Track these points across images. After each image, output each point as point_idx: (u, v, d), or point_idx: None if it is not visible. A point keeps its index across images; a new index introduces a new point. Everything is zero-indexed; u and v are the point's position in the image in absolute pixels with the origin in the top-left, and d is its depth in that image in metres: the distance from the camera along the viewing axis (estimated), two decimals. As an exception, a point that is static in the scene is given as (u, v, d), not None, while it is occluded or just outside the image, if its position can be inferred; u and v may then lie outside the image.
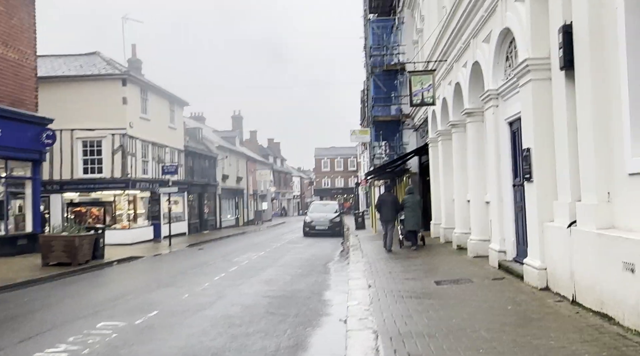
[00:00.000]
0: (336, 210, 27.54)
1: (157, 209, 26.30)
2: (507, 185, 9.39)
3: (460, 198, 13.62)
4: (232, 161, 42.18)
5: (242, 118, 57.07)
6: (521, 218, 8.87)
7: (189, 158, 31.81)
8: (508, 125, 9.37)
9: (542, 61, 7.25)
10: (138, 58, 30.14)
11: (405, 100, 25.58)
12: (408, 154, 22.30)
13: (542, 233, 7.27)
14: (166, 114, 28.18)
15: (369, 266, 11.42)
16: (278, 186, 76.03)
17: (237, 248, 20.12)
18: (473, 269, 9.77)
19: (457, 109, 13.46)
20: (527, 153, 7.58)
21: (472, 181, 11.86)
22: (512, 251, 9.31)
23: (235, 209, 43.06)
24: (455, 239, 13.54)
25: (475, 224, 11.70)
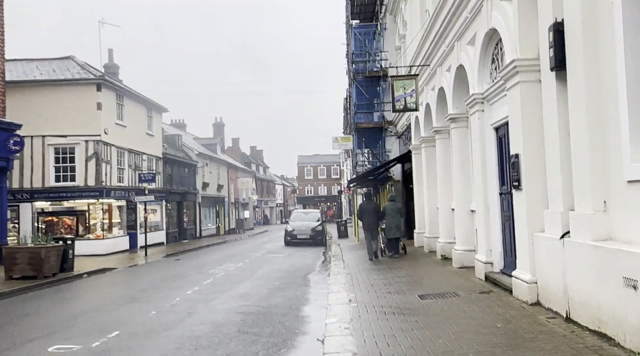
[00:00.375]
0: (318, 219, 26.99)
1: (134, 219, 25.48)
2: (494, 193, 8.98)
3: (445, 206, 13.22)
4: (212, 169, 41.43)
5: (224, 125, 56.28)
6: (509, 227, 8.46)
7: (168, 166, 31.04)
8: (494, 130, 8.98)
9: (531, 62, 6.86)
10: (115, 63, 29.42)
11: (388, 107, 25.29)
12: (391, 162, 21.93)
13: (532, 244, 6.84)
14: (143, 120, 27.43)
15: (350, 278, 10.91)
16: (261, 194, 75.24)
17: (215, 258, 19.44)
18: (458, 281, 9.32)
19: (440, 115, 13.08)
20: (515, 159, 7.17)
21: (457, 188, 11.45)
22: (500, 263, 8.89)
23: (216, 218, 42.25)
24: (440, 249, 13.11)
25: (460, 234, 11.28)
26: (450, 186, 13.17)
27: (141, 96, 27.17)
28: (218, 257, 19.94)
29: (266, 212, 79.42)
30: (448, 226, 13.08)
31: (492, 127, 8.96)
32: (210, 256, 20.72)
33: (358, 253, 16.66)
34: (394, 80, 13.51)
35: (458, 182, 11.41)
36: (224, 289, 10.87)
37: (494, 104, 8.84)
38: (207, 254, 22.49)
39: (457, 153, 11.39)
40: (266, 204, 79.78)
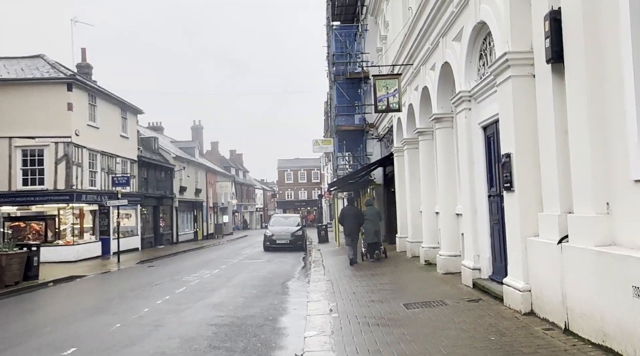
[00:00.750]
0: (298, 223, 26.41)
1: (107, 224, 24.55)
2: (482, 195, 8.55)
3: (428, 210, 12.78)
4: (190, 173, 40.53)
5: (202, 128, 55.41)
6: (498, 231, 8.02)
7: (143, 169, 30.14)
8: (482, 130, 8.55)
9: (524, 56, 6.43)
10: (88, 63, 28.45)
11: (370, 109, 24.91)
12: (372, 165, 21.49)
13: (525, 249, 6.39)
14: (117, 122, 26.54)
15: (331, 285, 10.38)
16: (240, 198, 74.30)
17: (191, 264, 18.71)
18: (445, 288, 8.85)
19: (424, 115, 12.66)
20: (506, 159, 6.73)
21: (442, 191, 11.02)
22: (488, 269, 8.45)
23: (194, 223, 41.31)
24: (423, 254, 12.66)
25: (445, 238, 10.84)
26: (434, 188, 12.76)
27: (115, 96, 26.29)
28: (194, 263, 19.21)
29: (246, 217, 78.46)
30: (432, 230, 12.66)
31: (480, 126, 8.54)
32: (186, 263, 19.96)
33: (339, 258, 16.14)
34: (376, 79, 13.06)
35: (443, 184, 10.98)
36: (197, 299, 10.22)
37: (482, 102, 8.43)
38: (182, 260, 21.72)
39: (441, 154, 10.97)
40: (246, 209, 78.84)
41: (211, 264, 18.17)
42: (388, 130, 20.83)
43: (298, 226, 25.89)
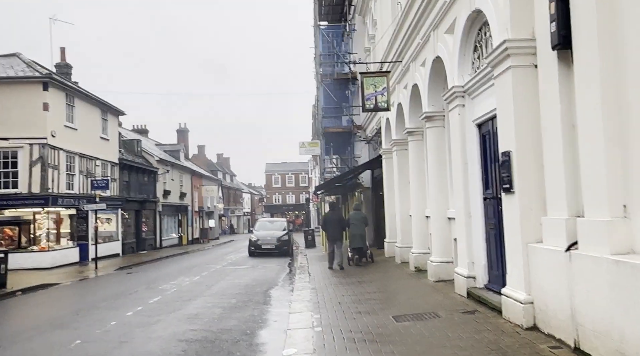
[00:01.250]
0: (284, 228, 25.65)
1: (85, 229, 23.63)
2: (476, 198, 7.96)
3: (418, 214, 12.20)
4: (175, 176, 39.63)
5: (188, 131, 54.36)
6: (495, 237, 7.44)
7: (125, 172, 29.24)
8: (477, 127, 7.98)
9: (525, 44, 5.86)
10: (67, 62, 27.60)
11: (357, 111, 24.35)
12: (359, 168, 20.89)
13: (527, 256, 5.80)
14: (97, 123, 25.66)
15: (316, 294, 9.72)
16: (227, 202, 73.36)
17: (171, 271, 17.93)
18: (437, 298, 8.24)
19: (414, 115, 12.09)
20: (505, 158, 6.14)
21: (433, 194, 10.43)
22: (484, 277, 7.85)
23: (178, 227, 40.37)
24: (413, 260, 12.06)
25: (436, 244, 10.24)
26: (424, 191, 12.18)
27: (95, 97, 25.43)
28: (174, 270, 18.42)
29: (233, 221, 77.50)
30: (422, 235, 12.07)
31: (475, 123, 7.96)
32: (166, 269, 19.17)
33: (325, 264, 15.47)
34: (364, 77, 12.47)
35: (434, 187, 10.40)
36: (171, 310, 9.49)
37: (476, 98, 7.85)
38: (163, 266, 20.90)
39: (432, 155, 10.39)
40: (233, 213, 77.89)
41: (192, 271, 17.40)
42: (376, 132, 20.26)
43: (284, 230, 25.15)
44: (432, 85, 10.15)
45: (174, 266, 20.52)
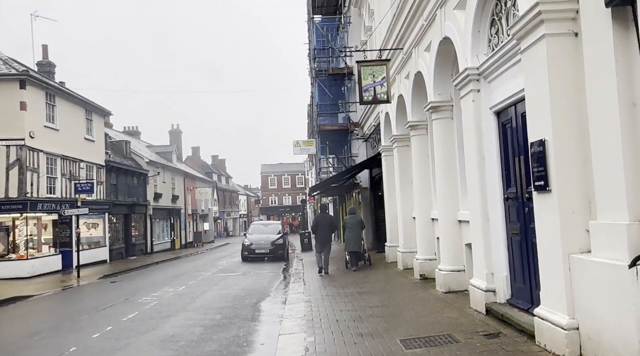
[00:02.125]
0: (279, 231, 24.47)
1: (68, 235, 22.41)
2: (496, 198, 6.82)
3: (423, 216, 11.06)
4: (166, 178, 38.42)
5: (181, 132, 53.10)
6: (520, 244, 6.30)
7: (113, 174, 28.03)
8: (495, 116, 6.84)
9: (564, 6, 4.72)
10: (50, 61, 26.39)
11: (354, 107, 23.21)
12: (357, 167, 19.73)
13: (569, 270, 4.66)
14: (81, 123, 24.44)
15: (310, 308, 8.58)
16: (223, 204, 72.22)
17: (157, 279, 16.75)
18: (451, 315, 7.09)
19: (417, 107, 10.97)
20: (538, 149, 5.00)
21: (440, 194, 9.29)
22: (506, 291, 6.71)
23: (171, 231, 39.14)
24: (418, 267, 10.92)
25: (445, 250, 9.10)
26: (429, 191, 11.05)
27: (78, 96, 24.23)
28: (160, 278, 17.24)
29: (229, 223, 76.33)
30: (428, 239, 10.94)
31: (493, 111, 6.82)
32: (153, 277, 17.99)
33: (322, 272, 14.35)
34: (361, 66, 11.33)
35: (441, 186, 9.26)
36: (145, 330, 8.32)
37: (494, 81, 6.71)
38: (150, 274, 19.72)
39: (440, 150, 9.25)
40: (229, 216, 76.73)
41: (179, 279, 16.22)
42: (374, 128, 19.14)
43: (279, 234, 23.98)
44: (439, 71, 9.01)
45: (161, 273, 19.34)
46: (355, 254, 13.81)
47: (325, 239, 13.66)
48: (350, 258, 13.90)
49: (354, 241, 13.72)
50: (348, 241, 13.84)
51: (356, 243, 13.74)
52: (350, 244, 13.75)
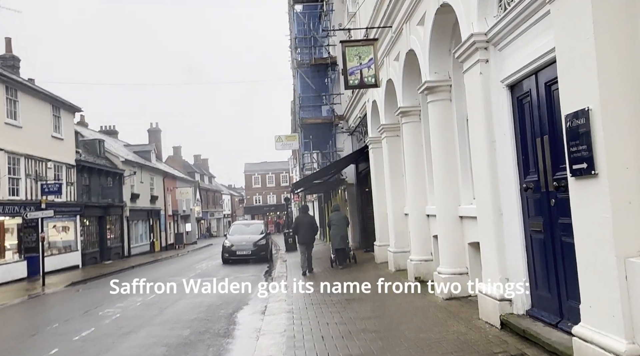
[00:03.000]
0: (262, 231, 23.20)
1: (35, 239, 20.88)
2: (510, 189, 5.71)
3: (417, 212, 9.95)
4: (145, 178, 36.88)
5: (161, 131, 51.29)
6: (543, 243, 5.18)
7: (84, 175, 26.51)
8: (508, 90, 5.72)
9: None
10: (14, 54, 24.77)
11: (338, 99, 22.05)
12: (341, 161, 18.54)
13: (627, 279, 3.55)
14: (48, 121, 22.90)
15: (292, 320, 7.42)
16: (206, 204, 70.69)
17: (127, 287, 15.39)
18: (458, 328, 5.96)
19: (409, 90, 9.84)
20: (579, 122, 3.87)
21: (439, 187, 8.17)
22: (524, 300, 5.59)
23: (150, 233, 37.60)
24: (413, 269, 9.80)
25: (445, 250, 7.99)
26: (423, 184, 9.95)
27: (44, 91, 22.70)
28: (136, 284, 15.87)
29: (212, 224, 74.79)
30: (423, 238, 9.84)
31: (506, 84, 5.70)
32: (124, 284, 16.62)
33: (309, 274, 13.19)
34: (345, 46, 10.16)
35: (439, 178, 8.14)
36: (96, 352, 7.06)
37: (507, 47, 5.59)
38: (122, 280, 18.30)
39: (437, 137, 8.13)
40: (212, 216, 75.20)
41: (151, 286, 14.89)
42: (360, 121, 18.02)
43: (262, 234, 22.72)
44: (435, 46, 7.89)
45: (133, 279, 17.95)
46: (341, 252, 13.68)
47: (308, 240, 13.42)
48: (336, 256, 13.72)
49: (339, 238, 13.55)
50: (334, 239, 13.66)
51: (342, 240, 13.61)
52: (337, 241, 13.57)
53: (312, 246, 13.58)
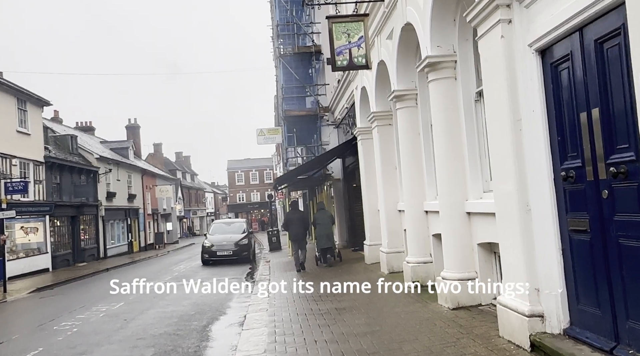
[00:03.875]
0: (244, 230, 21.97)
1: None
2: (542, 177, 4.62)
3: (415, 208, 8.85)
4: (121, 176, 35.34)
5: (139, 127, 49.40)
6: (589, 246, 4.10)
7: (55, 172, 24.99)
8: (538, 56, 4.62)
9: None
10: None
11: (323, 90, 20.91)
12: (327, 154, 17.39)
13: None
14: (12, 114, 21.38)
15: (275, 336, 6.30)
16: (188, 203, 69.11)
17: (95, 293, 14.12)
18: (476, 350, 4.87)
19: (405, 71, 8.75)
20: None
21: (442, 178, 7.07)
22: (561, 317, 4.51)
23: (128, 233, 36.08)
24: (411, 273, 8.70)
25: (451, 251, 6.90)
26: (421, 177, 8.86)
27: (7, 83, 21.15)
28: (100, 291, 14.60)
29: (195, 222, 73.23)
30: (421, 237, 8.75)
31: (534, 49, 4.60)
32: (92, 289, 15.34)
33: (290, 275, 12.08)
34: (332, 23, 9.03)
35: (443, 168, 7.05)
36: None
37: (538, 2, 4.49)
38: (93, 285, 17.03)
39: (440, 120, 7.03)
40: (195, 214, 73.67)
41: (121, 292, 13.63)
42: (347, 112, 16.90)
43: (244, 233, 21.50)
44: (438, 15, 6.79)
45: (104, 284, 16.66)
46: (327, 250, 13.54)
47: (299, 237, 13.30)
48: (321, 255, 13.61)
49: (325, 237, 13.40)
50: (320, 238, 13.48)
51: (328, 239, 13.44)
52: (322, 240, 13.40)
53: (305, 242, 13.38)
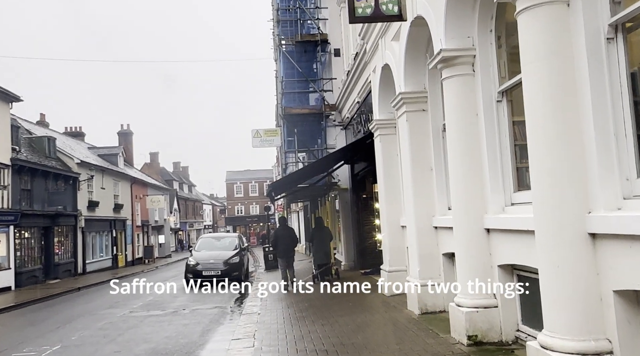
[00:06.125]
0: (236, 246, 18.99)
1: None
2: None
3: (468, 224, 5.97)
4: (107, 184, 32.51)
5: (132, 133, 46.59)
6: None
7: (24, 177, 22.17)
8: None
9: None
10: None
11: (329, 86, 18.16)
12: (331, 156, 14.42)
13: None
14: (-29, 108, 18.65)
15: None
16: (185, 215, 66.32)
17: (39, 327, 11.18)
18: None
19: (457, 23, 5.94)
20: None
21: (541, 180, 4.21)
22: None
23: (113, 247, 33.13)
24: (465, 321, 5.78)
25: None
26: (480, 178, 6.01)
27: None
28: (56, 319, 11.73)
29: (192, 235, 70.18)
30: (480, 267, 5.85)
31: None
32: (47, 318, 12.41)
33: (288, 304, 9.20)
34: (351, -45, 6.23)
35: (541, 162, 4.19)
36: None
37: None
38: (50, 310, 14.13)
39: (547, 92, 4.18)
40: (192, 227, 70.73)
41: (71, 325, 10.73)
42: (358, 108, 14.12)
43: (235, 249, 18.54)
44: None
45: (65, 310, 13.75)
46: (324, 267, 13.32)
47: (288, 254, 12.82)
48: (318, 272, 13.25)
49: (323, 254, 13.37)
50: (316, 254, 13.52)
51: (325, 256, 13.41)
52: (320, 257, 13.38)
53: (292, 260, 12.89)
